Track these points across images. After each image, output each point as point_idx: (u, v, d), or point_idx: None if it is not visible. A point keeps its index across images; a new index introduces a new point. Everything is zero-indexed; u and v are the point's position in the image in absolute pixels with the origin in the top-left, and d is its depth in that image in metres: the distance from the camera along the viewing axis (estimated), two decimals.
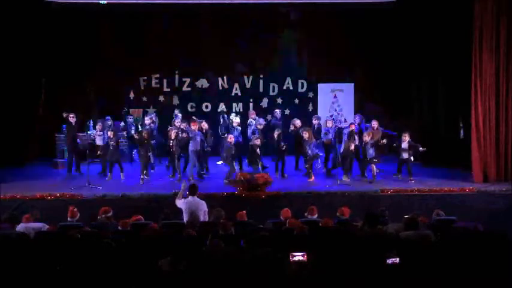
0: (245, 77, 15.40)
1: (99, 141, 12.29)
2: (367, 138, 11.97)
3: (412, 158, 11.95)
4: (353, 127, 12.62)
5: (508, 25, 11.38)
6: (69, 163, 12.76)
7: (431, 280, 5.59)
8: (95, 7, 13.34)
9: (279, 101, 15.41)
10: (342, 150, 12.07)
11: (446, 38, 12.49)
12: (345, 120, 14.62)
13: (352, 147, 11.84)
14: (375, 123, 12.64)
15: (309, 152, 11.92)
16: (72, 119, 12.52)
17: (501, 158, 11.70)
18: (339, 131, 13.12)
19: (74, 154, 12.69)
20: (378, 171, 11.96)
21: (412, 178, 11.84)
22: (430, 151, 12.77)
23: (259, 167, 11.89)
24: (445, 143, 13.05)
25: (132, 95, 15.25)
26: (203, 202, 8.96)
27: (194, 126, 12.03)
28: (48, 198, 10.52)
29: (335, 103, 15.00)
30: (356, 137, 12.34)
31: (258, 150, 11.88)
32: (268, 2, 13.90)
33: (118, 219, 8.40)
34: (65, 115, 12.66)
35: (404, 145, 11.95)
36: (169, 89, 15.37)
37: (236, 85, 15.41)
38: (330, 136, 12.84)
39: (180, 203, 8.84)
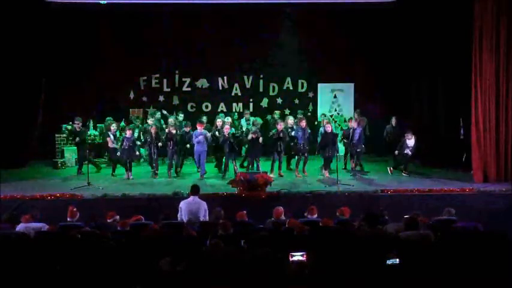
0: (245, 77, 15.43)
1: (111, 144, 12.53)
2: (354, 124, 12.53)
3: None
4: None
5: (508, 25, 11.37)
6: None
7: (431, 280, 5.59)
8: (95, 7, 13.33)
9: (279, 101, 15.43)
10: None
11: (446, 38, 12.48)
12: (345, 121, 14.65)
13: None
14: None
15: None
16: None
17: (501, 158, 11.68)
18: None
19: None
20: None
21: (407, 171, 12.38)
22: (430, 151, 12.79)
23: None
24: (445, 143, 13.06)
25: (132, 95, 15.27)
26: (203, 202, 8.98)
27: (200, 127, 12.12)
28: (48, 198, 10.51)
29: (335, 103, 15.02)
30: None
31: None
32: (268, 2, 13.91)
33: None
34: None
35: (411, 142, 12.22)
36: (169, 89, 15.40)
37: (236, 85, 15.43)
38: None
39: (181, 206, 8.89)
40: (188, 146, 12.45)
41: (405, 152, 12.28)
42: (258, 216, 8.73)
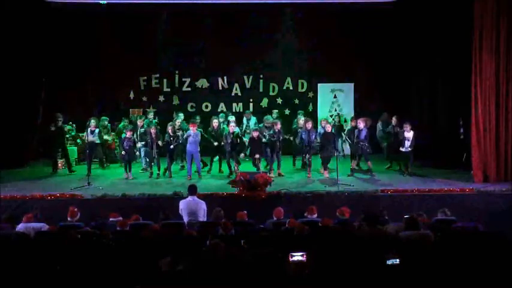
0: (245, 77, 15.42)
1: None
2: (361, 124, 12.25)
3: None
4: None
5: (508, 25, 11.35)
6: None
7: (431, 280, 5.59)
8: (95, 7, 13.34)
9: (279, 101, 15.42)
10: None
11: (446, 38, 12.49)
12: (345, 121, 14.64)
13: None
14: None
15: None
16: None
17: (501, 158, 11.66)
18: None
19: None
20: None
21: (409, 172, 12.20)
22: (430, 151, 12.78)
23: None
24: (445, 143, 13.05)
25: (132, 95, 15.27)
26: (202, 202, 8.99)
27: (192, 127, 12.09)
28: (48, 198, 10.50)
29: (335, 103, 15.02)
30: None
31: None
32: (269, 2, 13.91)
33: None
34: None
35: (409, 135, 12.06)
36: (169, 89, 15.40)
37: (236, 85, 15.43)
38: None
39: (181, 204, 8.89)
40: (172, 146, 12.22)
41: (404, 147, 12.14)
42: (258, 216, 8.74)
